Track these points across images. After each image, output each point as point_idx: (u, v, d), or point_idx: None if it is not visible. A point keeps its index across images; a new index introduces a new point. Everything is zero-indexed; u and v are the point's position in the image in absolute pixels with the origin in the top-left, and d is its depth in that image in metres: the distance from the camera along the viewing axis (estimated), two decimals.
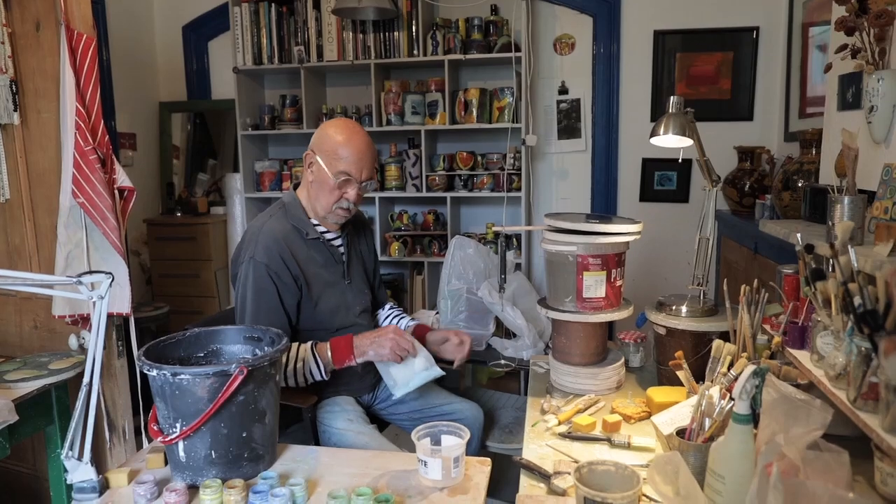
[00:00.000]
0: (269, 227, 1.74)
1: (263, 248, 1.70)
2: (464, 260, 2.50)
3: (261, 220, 1.79)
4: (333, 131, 1.76)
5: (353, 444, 1.68)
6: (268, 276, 1.69)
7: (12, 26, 2.08)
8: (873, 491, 1.11)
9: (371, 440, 1.70)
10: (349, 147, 1.73)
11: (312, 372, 1.69)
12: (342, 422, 1.75)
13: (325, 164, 1.74)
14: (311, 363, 1.68)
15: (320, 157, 1.75)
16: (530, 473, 1.27)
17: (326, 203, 1.76)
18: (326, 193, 1.75)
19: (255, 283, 1.69)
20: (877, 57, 1.51)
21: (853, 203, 1.39)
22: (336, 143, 1.74)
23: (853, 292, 1.03)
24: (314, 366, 1.68)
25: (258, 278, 1.69)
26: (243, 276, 1.71)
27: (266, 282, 1.69)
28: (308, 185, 1.81)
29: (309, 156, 1.78)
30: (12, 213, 2.20)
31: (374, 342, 1.68)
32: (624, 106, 3.52)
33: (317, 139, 1.79)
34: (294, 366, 1.68)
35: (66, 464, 1.26)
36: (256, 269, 1.69)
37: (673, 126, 1.63)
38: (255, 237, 1.73)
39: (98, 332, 1.29)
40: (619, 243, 1.61)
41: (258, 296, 1.70)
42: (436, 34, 3.32)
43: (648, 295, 1.87)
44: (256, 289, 1.70)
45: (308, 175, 1.79)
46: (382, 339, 1.67)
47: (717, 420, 1.17)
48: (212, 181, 4.12)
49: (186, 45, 4.00)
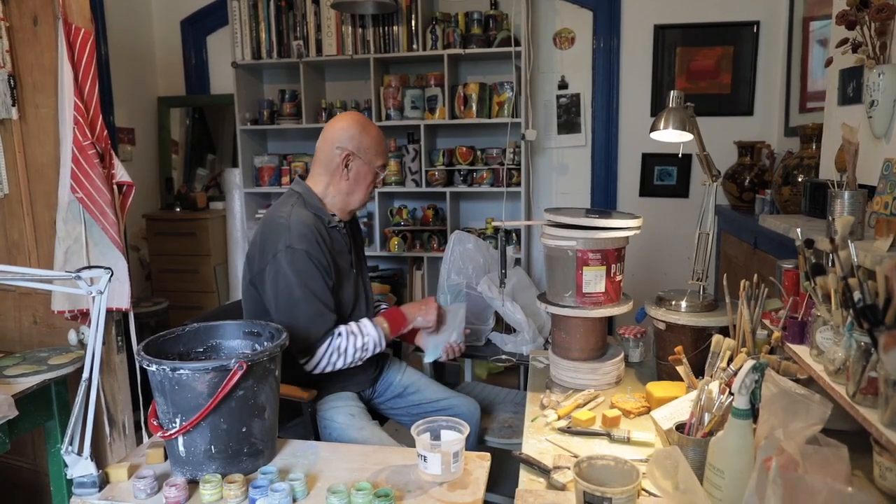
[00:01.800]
0: (297, 215, 1.71)
1: (298, 235, 1.67)
2: (463, 255, 2.50)
3: (283, 211, 1.74)
4: (363, 129, 1.81)
5: (354, 439, 1.68)
6: (310, 262, 1.67)
7: (10, 20, 2.07)
8: (872, 485, 1.11)
9: (372, 435, 1.70)
10: (382, 139, 1.86)
11: (375, 345, 1.77)
12: (344, 417, 1.75)
13: (366, 160, 1.80)
14: (374, 336, 1.77)
15: (361, 155, 1.79)
16: (530, 468, 1.28)
17: (363, 196, 1.85)
18: (364, 188, 1.84)
19: (299, 270, 1.66)
20: (878, 51, 1.51)
21: (853, 198, 1.39)
22: (372, 140, 1.81)
23: (853, 287, 1.03)
24: (378, 337, 1.77)
25: (301, 265, 1.66)
26: (281, 268, 1.66)
27: (310, 266, 1.67)
28: (341, 182, 1.80)
29: (348, 157, 1.78)
30: (11, 208, 2.19)
31: (420, 310, 1.92)
32: (624, 101, 3.51)
33: (350, 138, 1.79)
34: (362, 342, 1.73)
35: (66, 459, 1.26)
36: (297, 257, 1.66)
37: (673, 121, 1.63)
38: (286, 226, 1.68)
39: (97, 328, 1.29)
40: (619, 238, 1.61)
41: (306, 282, 1.66)
42: (435, 28, 3.31)
43: (648, 290, 1.87)
44: (302, 275, 1.66)
45: (343, 173, 1.79)
46: (427, 308, 1.92)
47: (717, 415, 1.17)
48: (211, 176, 4.11)
49: (185, 40, 3.99)
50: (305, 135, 3.75)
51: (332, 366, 1.71)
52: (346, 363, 1.73)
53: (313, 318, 1.67)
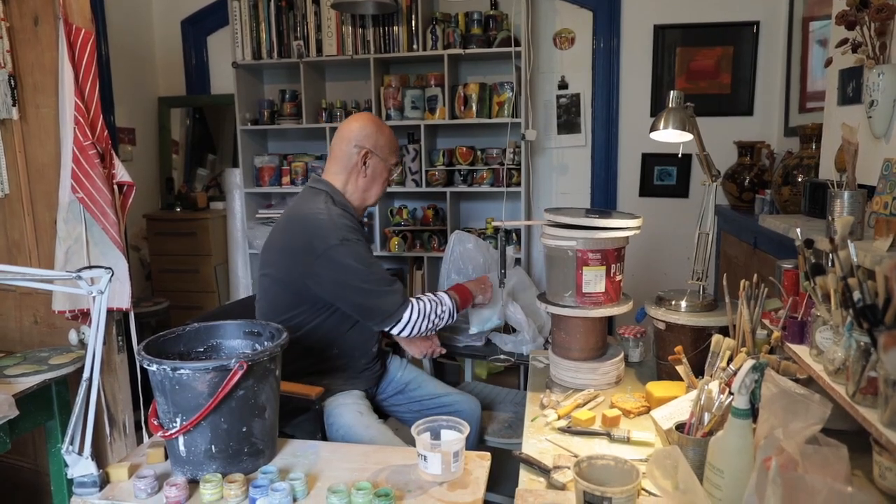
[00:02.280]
0: (336, 212, 1.78)
1: (346, 228, 1.75)
2: (463, 255, 2.49)
3: (318, 207, 1.79)
4: (379, 128, 1.90)
5: (361, 437, 1.69)
6: (365, 247, 1.78)
7: (10, 20, 2.07)
8: (872, 485, 1.11)
9: (379, 434, 1.71)
10: (394, 139, 1.95)
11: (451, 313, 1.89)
12: (352, 414, 1.76)
13: (382, 158, 1.89)
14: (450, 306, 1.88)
15: (378, 153, 1.88)
16: (530, 468, 1.28)
17: (379, 192, 1.93)
18: (380, 185, 1.92)
19: (361, 258, 1.73)
20: (877, 51, 1.51)
21: (853, 198, 1.39)
22: (388, 138, 1.91)
23: (853, 287, 1.03)
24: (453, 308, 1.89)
25: (361, 252, 1.75)
26: (342, 260, 1.71)
27: (368, 252, 1.78)
28: (359, 179, 1.88)
29: (366, 154, 1.86)
30: (11, 208, 2.19)
31: (479, 288, 2.05)
32: (624, 101, 3.52)
33: (368, 136, 1.87)
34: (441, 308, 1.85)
35: (67, 458, 1.26)
36: (353, 247, 1.73)
37: (673, 121, 1.63)
38: (331, 223, 1.74)
39: (98, 327, 1.29)
40: (619, 238, 1.61)
41: (370, 267, 1.75)
42: (435, 29, 3.31)
43: (648, 290, 1.87)
44: (365, 260, 1.74)
45: (361, 171, 1.87)
46: (486, 286, 2.08)
47: (717, 414, 1.18)
48: (211, 176, 4.11)
49: (185, 40, 3.99)
50: (306, 135, 3.76)
51: (418, 329, 1.81)
52: (428, 328, 1.83)
53: (389, 291, 1.77)
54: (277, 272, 1.81)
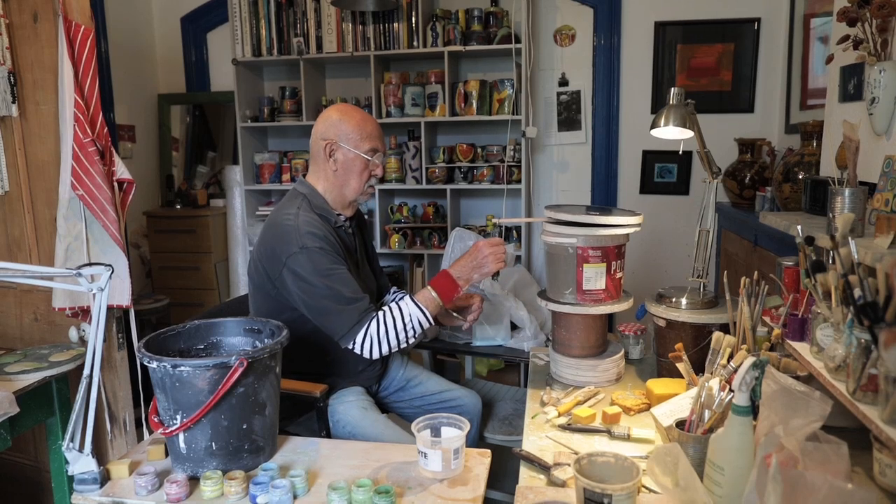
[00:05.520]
0: (304, 217, 1.69)
1: (309, 235, 1.64)
2: (464, 252, 2.49)
3: (290, 214, 1.70)
4: (343, 115, 1.78)
5: (367, 433, 1.69)
6: (326, 256, 1.65)
7: (10, 17, 2.06)
8: (872, 482, 1.11)
9: (386, 429, 1.71)
10: (369, 123, 1.79)
11: (421, 322, 1.68)
12: (357, 411, 1.75)
13: (351, 146, 1.76)
14: (418, 315, 1.68)
15: (344, 143, 1.76)
16: (530, 465, 1.28)
17: (357, 186, 1.79)
18: (356, 176, 1.78)
19: (318, 268, 1.63)
20: (879, 48, 1.51)
21: (854, 195, 1.39)
22: (356, 124, 1.77)
23: (853, 284, 1.03)
24: (421, 316, 1.68)
25: (319, 262, 1.63)
26: (300, 269, 1.63)
27: (327, 260, 1.64)
28: (330, 174, 1.78)
29: (329, 145, 1.76)
30: (11, 205, 2.19)
31: (473, 267, 1.73)
32: (624, 98, 3.51)
33: (330, 127, 1.77)
34: (402, 322, 1.66)
35: (68, 455, 1.26)
36: (314, 255, 1.63)
37: (673, 118, 1.62)
38: (295, 230, 1.65)
39: (98, 325, 1.29)
40: (620, 235, 1.61)
41: (331, 275, 1.63)
42: (435, 25, 3.31)
43: (648, 287, 1.87)
44: (323, 272, 1.63)
45: (330, 165, 1.77)
46: (480, 259, 1.72)
47: (717, 412, 1.18)
48: (211, 173, 4.11)
49: (185, 37, 3.98)
50: (306, 132, 3.75)
51: (379, 348, 1.65)
52: (398, 343, 1.67)
53: (346, 307, 1.64)
54: (259, 279, 1.76)
